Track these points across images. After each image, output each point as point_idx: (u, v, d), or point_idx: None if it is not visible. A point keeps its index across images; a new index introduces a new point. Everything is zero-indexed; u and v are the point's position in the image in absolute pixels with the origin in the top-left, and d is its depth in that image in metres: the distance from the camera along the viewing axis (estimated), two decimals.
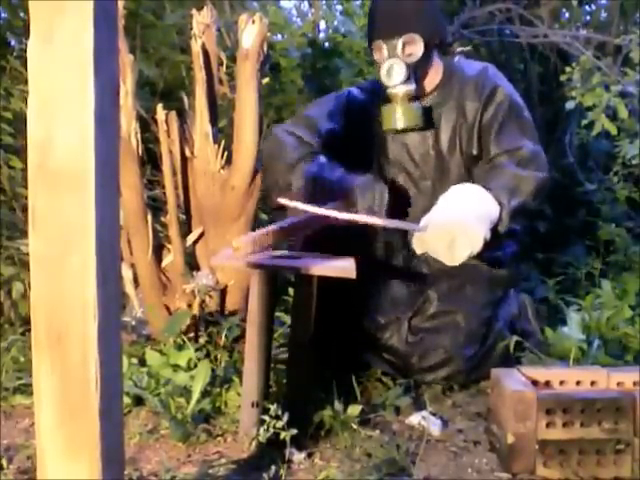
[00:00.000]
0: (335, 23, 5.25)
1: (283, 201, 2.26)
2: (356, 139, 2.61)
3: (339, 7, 5.24)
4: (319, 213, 2.22)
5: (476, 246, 2.29)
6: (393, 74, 2.52)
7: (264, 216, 3.31)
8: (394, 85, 2.53)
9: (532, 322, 2.72)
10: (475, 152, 2.58)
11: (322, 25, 5.22)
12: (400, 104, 2.54)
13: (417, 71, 2.56)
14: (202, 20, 2.78)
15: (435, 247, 2.29)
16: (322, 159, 2.54)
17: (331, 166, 2.51)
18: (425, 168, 2.62)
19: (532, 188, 2.50)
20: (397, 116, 2.55)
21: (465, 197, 2.36)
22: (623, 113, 3.47)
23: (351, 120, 2.66)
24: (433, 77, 2.63)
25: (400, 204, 2.58)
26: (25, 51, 1.30)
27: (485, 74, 2.64)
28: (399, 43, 2.52)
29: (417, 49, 2.54)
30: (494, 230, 2.37)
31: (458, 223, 2.28)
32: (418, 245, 2.31)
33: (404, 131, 2.59)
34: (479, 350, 2.56)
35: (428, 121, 2.60)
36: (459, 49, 3.76)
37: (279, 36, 4.78)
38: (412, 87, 2.55)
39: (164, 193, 2.86)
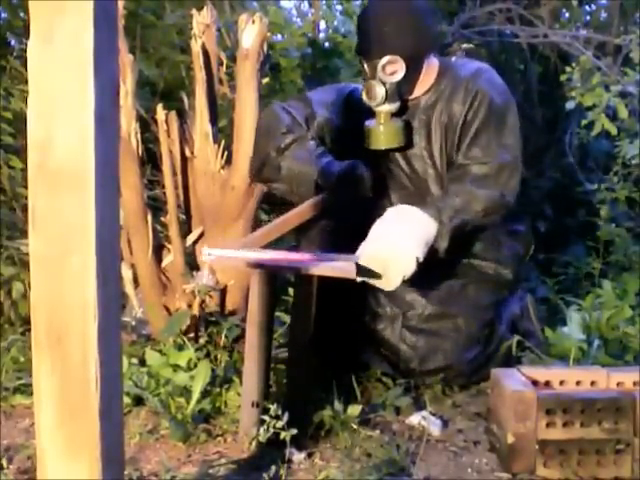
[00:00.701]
0: (335, 23, 5.25)
1: (216, 252, 2.27)
2: (353, 135, 2.61)
3: (339, 7, 5.25)
4: (251, 260, 2.24)
5: (408, 269, 2.29)
6: (373, 95, 2.52)
7: (264, 216, 3.31)
8: (375, 105, 2.53)
9: (534, 323, 2.71)
10: (454, 156, 2.57)
11: (322, 25, 5.23)
12: (383, 124, 2.54)
13: (402, 87, 2.54)
14: (202, 20, 2.78)
15: (377, 283, 2.31)
16: (312, 145, 2.55)
17: (319, 153, 2.53)
18: (419, 167, 2.61)
19: (481, 208, 2.45)
20: (380, 138, 2.56)
21: (398, 220, 2.36)
22: (623, 113, 3.47)
23: (350, 115, 2.65)
24: (428, 77, 2.61)
25: (384, 190, 2.61)
26: (25, 51, 1.30)
27: (475, 77, 2.59)
28: (379, 64, 2.50)
29: (399, 67, 2.50)
30: (433, 248, 2.37)
31: (388, 249, 2.29)
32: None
33: (387, 151, 2.60)
34: (481, 353, 2.55)
35: (409, 137, 2.59)
36: (464, 45, 3.75)
37: (279, 36, 4.77)
38: (394, 106, 2.54)
39: (164, 193, 2.86)
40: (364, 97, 2.54)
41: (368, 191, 2.52)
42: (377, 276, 2.29)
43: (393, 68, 2.51)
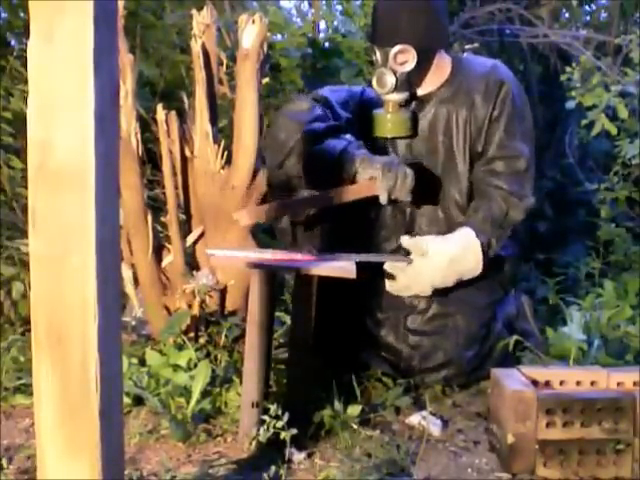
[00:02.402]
0: (335, 23, 5.24)
1: (218, 252, 2.27)
2: (365, 134, 2.61)
3: (339, 7, 5.24)
4: (251, 260, 2.24)
5: (422, 293, 2.51)
6: (383, 83, 2.53)
7: None
8: (384, 93, 2.54)
9: (531, 322, 2.71)
10: (480, 149, 2.58)
11: (322, 25, 5.22)
12: (390, 112, 2.56)
13: (412, 78, 2.55)
14: (202, 20, 2.77)
15: (391, 283, 2.48)
16: (349, 136, 2.54)
17: (357, 144, 2.50)
18: (433, 163, 2.61)
19: (521, 219, 2.56)
20: (388, 126, 2.57)
21: (451, 260, 2.45)
22: (623, 113, 3.47)
23: (362, 116, 2.65)
24: (440, 74, 2.61)
25: (426, 189, 2.54)
26: (25, 51, 1.30)
27: (495, 71, 2.62)
28: (391, 52, 2.51)
29: (411, 58, 2.52)
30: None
31: (420, 288, 2.48)
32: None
33: (394, 139, 2.60)
34: (479, 351, 2.55)
35: (415, 128, 2.60)
36: (467, 46, 3.76)
37: (279, 36, 4.77)
38: (403, 96, 2.55)
39: (164, 193, 2.86)
40: (374, 84, 2.55)
41: (408, 194, 2.43)
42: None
43: (404, 58, 2.52)
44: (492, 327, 2.60)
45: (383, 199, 2.42)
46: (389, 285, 2.49)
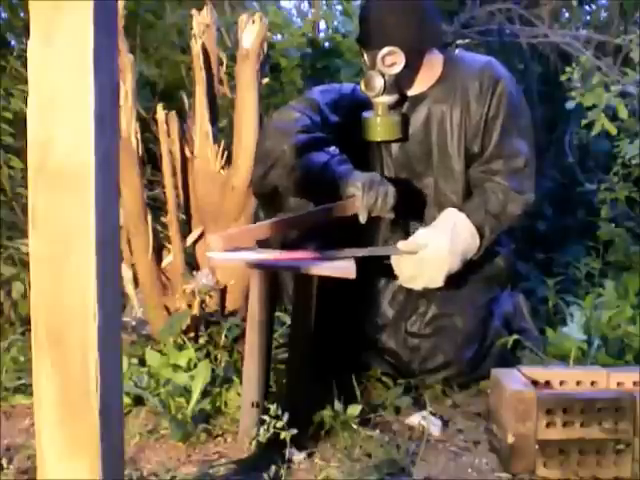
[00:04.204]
0: (335, 23, 5.24)
1: (218, 255, 2.24)
2: (358, 135, 2.59)
3: (339, 7, 5.24)
4: (251, 260, 2.20)
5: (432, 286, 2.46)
6: (372, 86, 2.50)
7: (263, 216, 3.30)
8: (373, 96, 2.53)
9: (528, 321, 2.71)
10: (477, 149, 2.56)
11: (322, 25, 5.22)
12: (380, 115, 2.53)
13: (401, 79, 2.53)
14: (202, 20, 2.78)
15: (400, 272, 2.45)
16: (333, 149, 2.48)
17: (340, 159, 2.45)
18: (428, 164, 2.60)
19: (519, 213, 2.54)
20: (377, 129, 2.54)
21: (450, 241, 2.41)
22: (623, 113, 3.47)
23: (354, 115, 2.64)
24: (432, 73, 2.59)
25: (404, 206, 2.49)
26: (25, 51, 1.30)
27: (489, 68, 2.59)
28: (379, 55, 2.48)
29: (399, 59, 2.48)
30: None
31: (427, 277, 2.43)
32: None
33: (383, 142, 2.59)
34: (478, 350, 2.55)
35: (406, 130, 2.57)
36: (459, 41, 3.76)
37: (279, 36, 4.77)
38: (392, 98, 2.52)
39: (164, 193, 2.86)
40: (362, 87, 2.53)
41: (390, 211, 2.38)
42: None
43: (392, 60, 2.49)
44: (489, 325, 2.59)
45: (362, 218, 2.35)
46: (398, 276, 2.47)
